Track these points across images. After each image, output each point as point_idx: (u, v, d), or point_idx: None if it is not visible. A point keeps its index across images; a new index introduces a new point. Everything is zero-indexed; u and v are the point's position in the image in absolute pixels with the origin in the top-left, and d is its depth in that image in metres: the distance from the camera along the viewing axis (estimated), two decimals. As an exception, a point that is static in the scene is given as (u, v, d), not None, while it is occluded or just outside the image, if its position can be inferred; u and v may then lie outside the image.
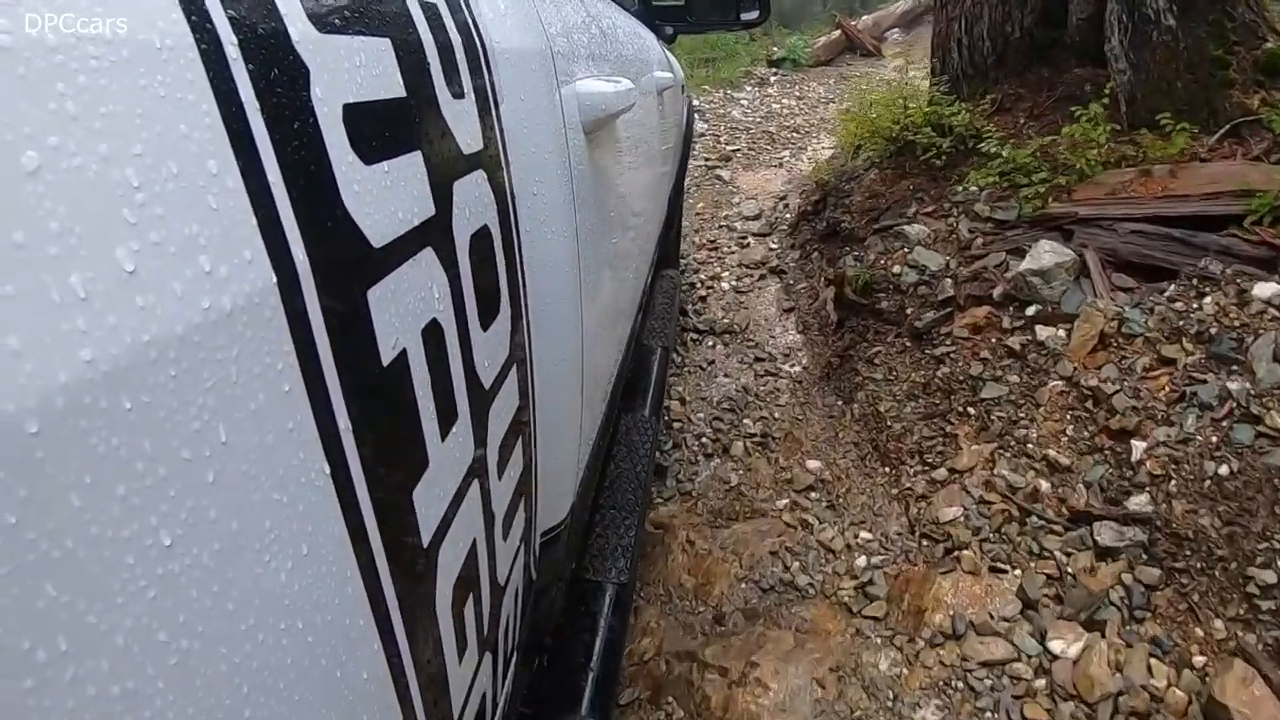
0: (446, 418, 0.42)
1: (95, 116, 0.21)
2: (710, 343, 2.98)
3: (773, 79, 7.91)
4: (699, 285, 3.43)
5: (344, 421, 0.31)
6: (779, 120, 6.28)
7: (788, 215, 4.04)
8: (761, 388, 2.63)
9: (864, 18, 9.47)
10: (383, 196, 0.35)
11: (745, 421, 2.43)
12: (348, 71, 0.34)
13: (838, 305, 2.85)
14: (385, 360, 0.35)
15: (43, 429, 0.18)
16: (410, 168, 0.39)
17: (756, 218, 4.13)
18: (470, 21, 0.51)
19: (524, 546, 0.64)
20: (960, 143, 2.93)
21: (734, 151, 5.31)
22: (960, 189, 2.77)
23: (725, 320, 3.11)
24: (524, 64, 0.61)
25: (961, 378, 2.21)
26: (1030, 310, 2.22)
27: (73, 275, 0.20)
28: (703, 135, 5.52)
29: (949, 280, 2.46)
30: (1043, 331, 2.14)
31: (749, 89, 7.47)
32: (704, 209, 4.29)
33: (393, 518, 0.36)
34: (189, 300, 0.23)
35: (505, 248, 0.53)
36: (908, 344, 2.45)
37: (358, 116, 0.34)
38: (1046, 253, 2.24)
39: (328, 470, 0.30)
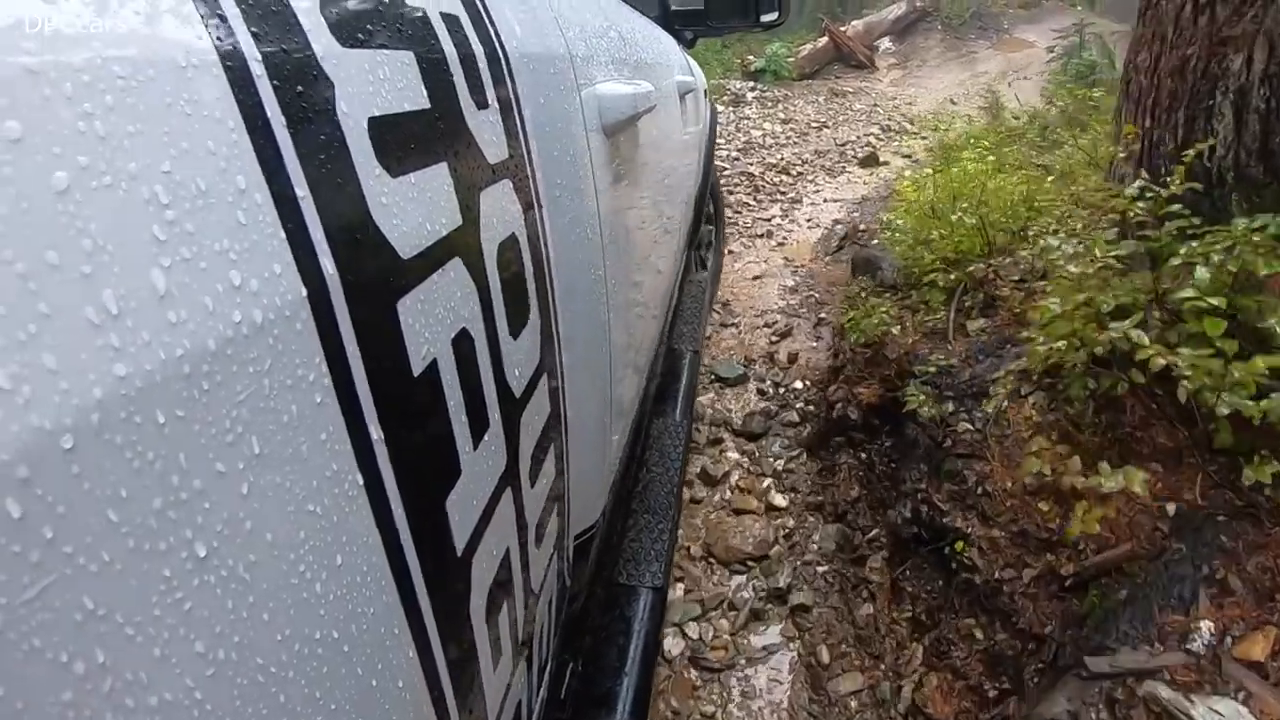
0: (478, 427, 0.43)
1: (123, 135, 0.21)
2: None
3: (750, 95, 6.44)
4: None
5: (376, 432, 0.32)
6: (761, 154, 4.65)
7: (797, 385, 2.36)
8: None
9: (854, 24, 8.47)
10: (409, 208, 0.35)
11: None
12: (372, 85, 0.34)
13: None
14: (416, 371, 0.35)
15: (78, 444, 0.19)
16: (436, 178, 0.39)
17: (740, 381, 2.38)
18: (491, 30, 0.51)
19: (557, 553, 0.64)
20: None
21: (701, 211, 3.75)
22: None
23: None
24: (544, 69, 0.61)
25: None
26: None
27: (105, 292, 0.20)
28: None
29: None
30: None
31: (721, 109, 5.79)
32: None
33: (426, 527, 0.36)
34: (220, 314, 0.24)
35: (533, 255, 0.53)
36: None
37: (383, 129, 0.34)
38: None
39: (361, 481, 0.31)
